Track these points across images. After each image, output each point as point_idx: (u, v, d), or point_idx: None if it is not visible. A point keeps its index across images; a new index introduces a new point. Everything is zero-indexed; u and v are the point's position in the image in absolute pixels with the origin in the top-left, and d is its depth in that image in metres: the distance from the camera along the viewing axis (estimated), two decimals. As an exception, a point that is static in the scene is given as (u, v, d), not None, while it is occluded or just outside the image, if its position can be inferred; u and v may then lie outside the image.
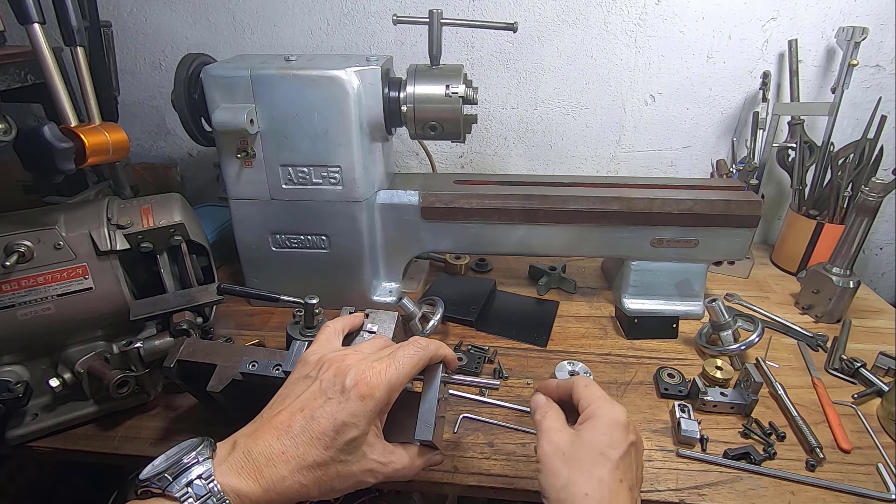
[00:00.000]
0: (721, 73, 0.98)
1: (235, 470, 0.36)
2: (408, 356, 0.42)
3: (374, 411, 0.39)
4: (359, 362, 0.41)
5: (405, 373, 0.41)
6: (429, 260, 0.99)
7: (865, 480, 0.55)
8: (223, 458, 0.37)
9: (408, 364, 0.42)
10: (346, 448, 0.38)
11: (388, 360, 0.41)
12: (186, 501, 0.34)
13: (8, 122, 0.51)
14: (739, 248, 0.79)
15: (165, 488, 0.34)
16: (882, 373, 0.70)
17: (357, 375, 0.39)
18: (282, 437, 0.37)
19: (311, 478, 0.37)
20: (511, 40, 0.98)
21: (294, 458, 0.37)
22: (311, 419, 0.38)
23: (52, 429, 0.59)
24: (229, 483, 0.35)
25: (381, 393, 0.39)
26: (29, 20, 0.52)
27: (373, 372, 0.40)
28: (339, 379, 0.40)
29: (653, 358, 0.74)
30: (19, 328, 0.56)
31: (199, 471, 0.35)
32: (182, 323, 0.59)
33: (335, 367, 0.41)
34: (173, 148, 1.15)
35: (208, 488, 0.34)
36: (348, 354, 0.43)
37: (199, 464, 0.35)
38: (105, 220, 0.59)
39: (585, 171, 1.10)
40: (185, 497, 0.34)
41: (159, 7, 1.01)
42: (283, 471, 0.36)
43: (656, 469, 0.56)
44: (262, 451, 0.37)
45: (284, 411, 0.39)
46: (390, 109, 0.72)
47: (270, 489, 0.36)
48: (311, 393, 0.40)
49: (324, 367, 0.42)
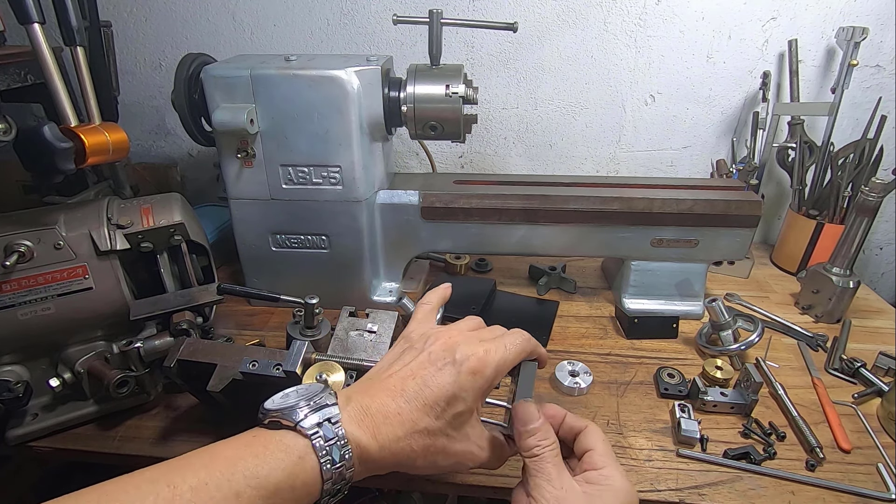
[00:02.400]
0: (721, 73, 0.98)
1: (356, 420, 0.36)
2: (516, 343, 0.42)
3: (481, 389, 0.39)
4: (467, 339, 0.41)
5: (511, 359, 0.41)
6: (429, 260, 0.99)
7: (865, 480, 0.55)
8: (342, 406, 0.37)
9: (514, 351, 0.41)
10: (453, 422, 0.38)
11: (497, 342, 0.41)
12: (316, 440, 0.34)
13: (8, 122, 0.51)
14: (739, 248, 0.79)
15: (298, 423, 0.34)
16: (882, 373, 0.70)
17: (467, 351, 0.39)
18: (397, 399, 0.37)
19: (421, 445, 0.37)
20: (511, 40, 0.98)
21: (409, 420, 0.37)
22: (425, 385, 0.38)
23: (52, 429, 0.59)
24: (352, 431, 0.35)
25: (490, 371, 0.39)
26: (29, 20, 0.52)
27: (483, 350, 0.40)
28: (449, 352, 0.40)
29: (653, 358, 0.74)
30: (19, 328, 0.55)
31: (327, 414, 0.35)
32: (182, 323, 0.59)
33: (443, 341, 0.41)
34: (173, 148, 1.15)
35: (335, 432, 0.34)
36: (452, 330, 0.43)
37: (327, 407, 0.36)
38: (105, 220, 0.59)
39: (585, 171, 1.10)
40: (315, 436, 0.34)
41: (159, 7, 1.01)
42: (398, 431, 0.36)
43: (656, 469, 0.56)
44: (379, 408, 0.37)
45: (395, 376, 0.39)
46: (390, 109, 0.72)
47: (385, 447, 0.36)
48: (419, 362, 0.40)
49: (430, 340, 0.41)
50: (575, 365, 0.69)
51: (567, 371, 0.68)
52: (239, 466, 0.32)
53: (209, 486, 0.30)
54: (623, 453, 0.58)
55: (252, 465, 0.32)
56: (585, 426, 0.42)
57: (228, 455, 0.33)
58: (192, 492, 0.30)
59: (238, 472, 0.31)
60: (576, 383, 0.66)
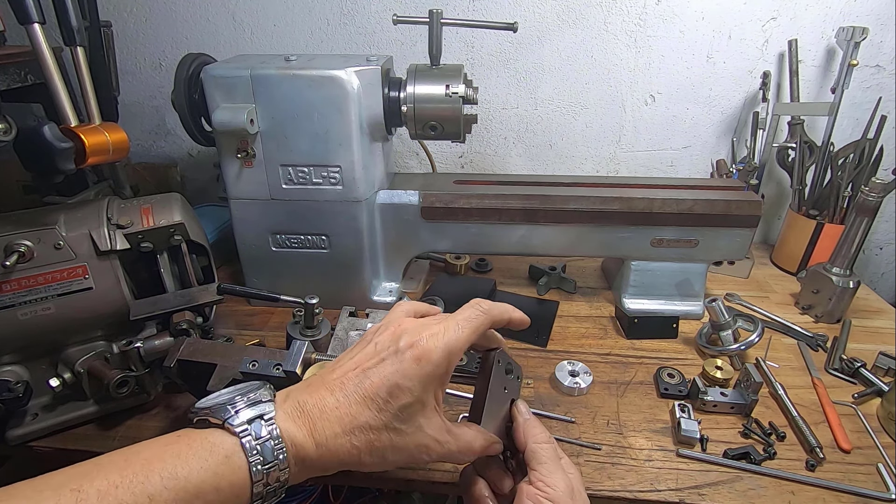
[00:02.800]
0: (721, 73, 0.98)
1: (291, 417, 0.35)
2: (467, 318, 0.39)
3: (430, 376, 0.37)
4: (417, 325, 0.39)
5: (464, 337, 0.38)
6: (429, 260, 0.99)
7: (865, 480, 0.55)
8: (279, 404, 0.36)
9: (467, 327, 0.39)
10: (399, 415, 0.36)
11: (446, 321, 0.39)
12: (245, 438, 0.32)
13: (8, 122, 0.51)
14: (739, 248, 0.79)
15: (226, 420, 0.33)
16: (882, 373, 0.70)
17: (412, 337, 0.37)
18: (335, 393, 0.36)
19: (364, 441, 0.35)
20: (511, 40, 0.98)
21: (347, 415, 0.35)
22: (364, 377, 0.36)
23: (52, 429, 0.59)
24: (287, 429, 0.34)
25: (437, 356, 0.37)
26: (29, 20, 0.52)
27: (428, 333, 0.37)
28: (394, 340, 0.38)
29: (653, 358, 0.74)
30: (19, 328, 0.55)
31: (260, 410, 0.34)
32: (182, 323, 0.59)
33: (391, 330, 0.39)
34: (173, 148, 1.15)
35: (268, 430, 0.33)
36: (408, 320, 0.41)
37: (261, 403, 0.34)
38: (105, 219, 0.59)
39: (585, 171, 1.10)
40: (244, 434, 0.32)
41: (159, 7, 1.01)
42: (335, 427, 0.35)
43: (656, 469, 0.56)
44: (315, 403, 0.35)
45: (338, 369, 0.38)
46: (390, 109, 0.72)
47: (322, 445, 0.34)
48: (364, 353, 0.38)
49: (380, 331, 0.40)
50: (575, 365, 0.69)
51: (567, 371, 0.68)
52: (156, 467, 0.30)
53: (119, 490, 0.29)
54: (623, 453, 0.58)
55: (171, 466, 0.30)
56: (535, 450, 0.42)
57: (146, 456, 0.31)
58: (98, 496, 0.28)
59: (154, 474, 0.30)
60: (576, 383, 0.66)
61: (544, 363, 0.72)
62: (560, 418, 0.62)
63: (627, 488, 0.54)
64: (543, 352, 0.75)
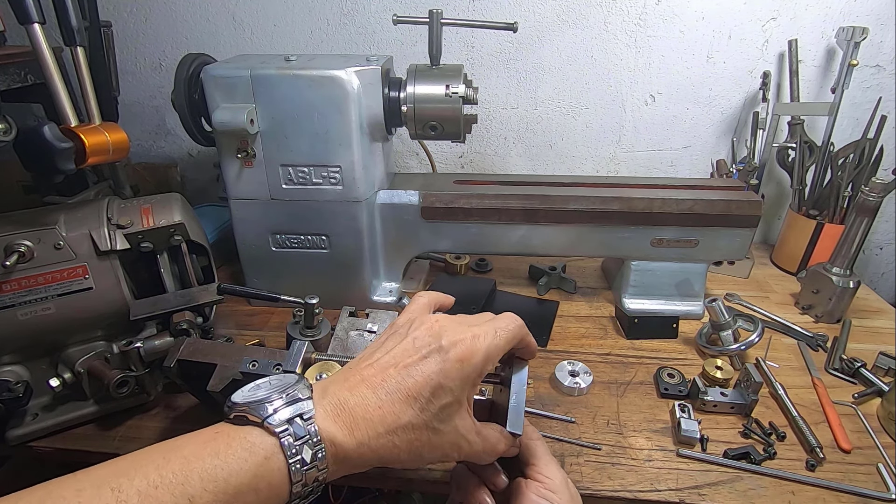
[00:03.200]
0: (721, 73, 0.98)
1: (331, 416, 0.33)
2: (508, 329, 0.39)
3: (469, 378, 0.36)
4: (455, 324, 0.38)
5: (502, 344, 0.38)
6: (429, 260, 0.99)
7: (865, 480, 0.55)
8: (317, 400, 0.34)
9: (505, 336, 0.38)
10: (439, 414, 0.35)
11: (486, 326, 0.38)
12: (285, 438, 0.31)
13: (8, 122, 0.51)
14: (739, 248, 0.79)
15: (266, 419, 0.32)
16: (882, 373, 0.70)
17: (454, 336, 0.37)
18: (377, 391, 0.35)
19: (405, 440, 0.35)
20: (511, 40, 0.98)
21: (390, 414, 0.34)
22: (407, 376, 0.35)
23: (52, 429, 0.59)
24: (326, 428, 0.33)
25: (479, 359, 0.36)
26: (29, 20, 0.52)
27: (470, 335, 0.37)
28: (435, 338, 0.37)
29: (653, 358, 0.74)
30: (19, 328, 0.55)
31: (299, 409, 0.33)
32: (182, 323, 0.59)
33: (428, 326, 0.38)
34: (173, 148, 1.15)
35: (307, 429, 0.32)
36: (441, 316, 0.40)
37: (301, 401, 0.33)
38: (105, 220, 0.59)
39: (585, 171, 1.10)
40: (283, 433, 0.31)
41: (159, 7, 1.01)
42: (379, 427, 0.34)
43: (656, 469, 0.56)
44: (358, 402, 0.34)
45: (376, 364, 0.37)
46: (390, 109, 0.72)
47: (364, 444, 0.33)
48: (402, 349, 0.37)
49: (414, 325, 0.39)
50: (575, 365, 0.69)
51: (567, 371, 0.68)
52: (195, 466, 0.29)
53: (159, 490, 0.28)
54: (623, 453, 0.58)
55: (210, 466, 0.29)
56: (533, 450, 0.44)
57: (185, 454, 0.30)
58: (139, 496, 0.28)
59: (194, 474, 0.29)
60: (576, 383, 0.66)
61: (544, 363, 0.72)
62: (560, 418, 0.62)
63: (627, 488, 0.54)
64: (543, 352, 0.75)
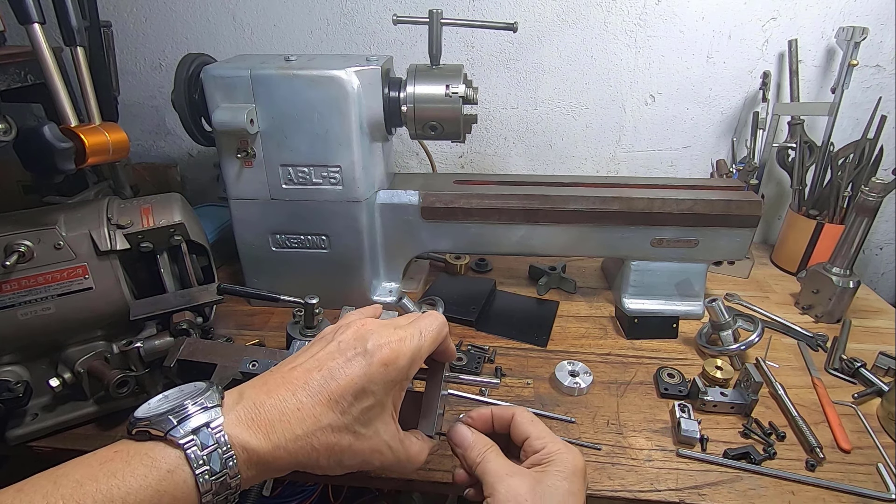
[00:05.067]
0: (721, 73, 0.98)
1: (244, 421, 0.33)
2: (430, 329, 0.39)
3: (394, 381, 0.36)
4: (381, 327, 0.38)
5: (427, 345, 0.38)
6: (429, 260, 0.99)
7: (865, 480, 0.55)
8: (230, 407, 0.34)
9: (429, 337, 0.39)
10: (361, 418, 0.35)
11: (411, 328, 0.38)
12: (190, 450, 0.30)
13: (8, 122, 0.51)
14: (739, 248, 0.79)
15: (168, 432, 0.31)
16: (882, 373, 0.70)
17: (380, 339, 0.36)
18: (298, 393, 0.34)
19: (324, 443, 0.34)
20: (511, 40, 0.98)
21: (310, 416, 0.34)
22: (331, 378, 0.35)
23: (52, 429, 0.59)
24: (237, 435, 0.32)
25: (404, 361, 0.36)
26: (29, 20, 0.52)
27: (396, 338, 0.37)
28: (360, 341, 0.36)
29: (653, 358, 0.74)
30: (19, 328, 0.55)
31: (206, 418, 0.32)
32: (182, 323, 0.59)
33: (354, 330, 0.38)
34: (173, 148, 1.15)
35: (216, 438, 0.31)
36: (369, 320, 0.40)
37: (207, 410, 0.32)
38: (105, 220, 0.59)
39: (585, 171, 1.10)
40: (189, 445, 0.31)
41: (159, 7, 1.01)
42: (297, 429, 0.33)
43: (656, 469, 0.56)
44: (275, 404, 0.34)
45: (299, 368, 0.36)
46: (390, 109, 0.72)
47: (280, 447, 0.33)
48: (327, 352, 0.37)
49: (341, 329, 0.38)
50: (575, 365, 0.69)
51: (567, 371, 0.68)
52: (89, 490, 0.28)
53: None
54: (623, 453, 0.58)
55: (106, 488, 0.28)
56: (512, 413, 0.43)
57: (77, 477, 0.28)
58: None
59: (87, 498, 0.27)
60: (576, 383, 0.66)
61: (544, 363, 0.72)
62: (560, 418, 0.62)
63: (627, 488, 0.54)
64: (543, 352, 0.75)
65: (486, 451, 0.41)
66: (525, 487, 0.37)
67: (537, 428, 0.41)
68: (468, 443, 0.42)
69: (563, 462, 0.38)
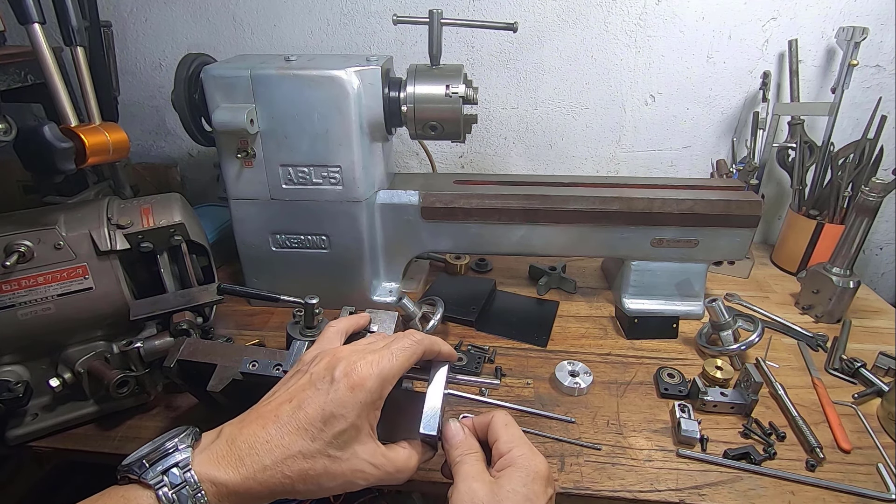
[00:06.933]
0: (721, 73, 0.98)
1: (216, 459, 0.35)
2: (402, 348, 0.41)
3: (364, 403, 0.38)
4: (350, 353, 0.40)
5: (398, 365, 0.40)
6: (429, 260, 0.99)
7: (865, 480, 0.55)
8: (206, 446, 0.36)
9: (401, 356, 0.40)
10: (334, 442, 0.37)
11: (381, 351, 0.40)
12: (160, 490, 0.33)
13: (8, 122, 0.51)
14: (739, 248, 0.79)
15: (141, 475, 0.34)
16: (882, 373, 0.70)
17: (347, 366, 0.38)
18: (268, 426, 0.36)
19: (297, 470, 0.36)
20: (511, 40, 0.98)
21: (279, 447, 0.36)
22: (299, 408, 0.37)
23: (52, 429, 0.59)
24: (206, 472, 0.34)
25: (372, 383, 0.38)
26: (29, 20, 0.52)
27: (364, 362, 0.39)
28: (329, 370, 0.39)
29: (653, 358, 0.74)
30: (19, 328, 0.55)
31: (177, 459, 0.34)
32: (182, 323, 0.59)
33: (327, 360, 0.40)
34: (173, 148, 1.15)
35: (184, 477, 0.34)
36: (343, 348, 0.42)
37: (179, 451, 0.35)
38: (105, 220, 0.59)
39: (585, 171, 1.10)
40: (159, 485, 0.33)
41: (159, 7, 1.01)
42: (265, 460, 0.35)
43: (656, 469, 0.56)
44: (246, 439, 0.36)
45: (272, 401, 0.39)
46: (390, 109, 0.72)
47: (250, 477, 0.35)
48: (299, 385, 0.39)
49: (316, 360, 0.41)
50: (575, 365, 0.69)
51: (567, 371, 0.68)
52: None
53: None
54: (623, 453, 0.58)
55: None
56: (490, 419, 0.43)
57: None
58: None
59: None
60: (576, 383, 0.66)
61: (544, 363, 0.72)
62: (560, 418, 0.62)
63: (627, 488, 0.54)
64: (543, 352, 0.75)
65: (468, 454, 0.42)
66: (484, 491, 0.38)
67: (508, 432, 0.42)
68: (455, 441, 0.43)
69: (524, 467, 0.39)
